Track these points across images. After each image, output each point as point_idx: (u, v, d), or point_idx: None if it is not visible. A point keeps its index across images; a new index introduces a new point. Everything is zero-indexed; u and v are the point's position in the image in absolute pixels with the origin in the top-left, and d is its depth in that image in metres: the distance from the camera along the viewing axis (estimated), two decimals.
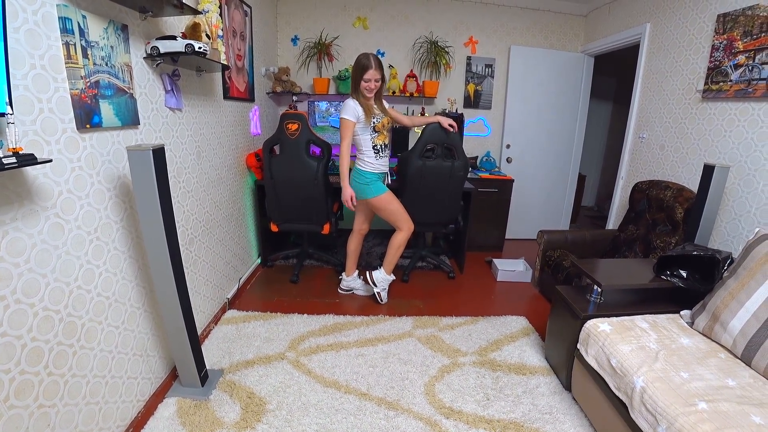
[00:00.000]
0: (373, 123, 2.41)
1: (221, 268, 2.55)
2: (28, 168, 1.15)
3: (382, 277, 2.74)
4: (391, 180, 3.09)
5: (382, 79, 2.38)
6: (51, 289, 1.23)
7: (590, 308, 1.85)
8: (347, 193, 2.44)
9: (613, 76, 5.11)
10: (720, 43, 2.26)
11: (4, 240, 1.08)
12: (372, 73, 2.30)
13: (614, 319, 1.75)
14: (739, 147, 2.18)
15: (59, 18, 1.23)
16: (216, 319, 2.44)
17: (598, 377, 1.64)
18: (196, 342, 1.78)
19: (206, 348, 2.16)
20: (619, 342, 1.60)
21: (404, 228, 2.63)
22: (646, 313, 1.80)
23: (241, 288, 2.85)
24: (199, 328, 2.21)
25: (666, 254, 1.91)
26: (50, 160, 1.14)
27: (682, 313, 1.80)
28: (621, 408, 1.49)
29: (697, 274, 1.84)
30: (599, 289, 1.88)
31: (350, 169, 2.53)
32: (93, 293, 1.42)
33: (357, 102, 2.36)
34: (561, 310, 1.99)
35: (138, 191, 1.46)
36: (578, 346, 1.81)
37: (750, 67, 2.06)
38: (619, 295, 2.00)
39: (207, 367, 1.90)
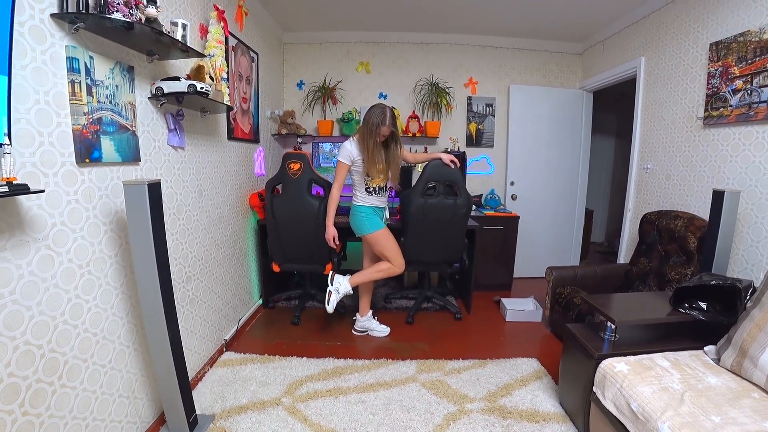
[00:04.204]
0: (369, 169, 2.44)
1: (220, 308, 2.49)
2: (22, 198, 1.16)
3: (343, 282, 2.56)
4: (394, 219, 3.08)
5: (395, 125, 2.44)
6: (35, 323, 1.20)
7: (605, 347, 1.74)
8: (330, 232, 2.52)
9: (613, 111, 5.19)
10: (716, 70, 2.28)
11: None
12: (385, 129, 2.37)
13: (631, 357, 1.63)
14: (747, 171, 2.13)
15: (67, 58, 1.29)
16: (212, 361, 2.34)
17: (618, 423, 1.49)
18: (186, 385, 1.69)
19: (199, 391, 2.05)
20: (638, 383, 1.47)
21: (395, 264, 2.58)
22: (665, 350, 1.67)
23: (240, 329, 2.77)
24: (194, 370, 2.13)
25: (682, 285, 1.80)
26: (42, 191, 1.15)
27: (706, 349, 1.67)
28: None
29: (718, 306, 1.72)
30: (613, 326, 1.77)
31: (349, 207, 2.60)
32: (80, 329, 1.38)
33: (356, 144, 2.42)
34: (573, 350, 1.87)
35: (132, 224, 1.46)
36: (594, 388, 1.67)
37: (749, 91, 2.05)
38: (634, 331, 1.88)
39: (197, 412, 1.80)
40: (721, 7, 2.28)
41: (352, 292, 2.59)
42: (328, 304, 2.50)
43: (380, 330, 2.79)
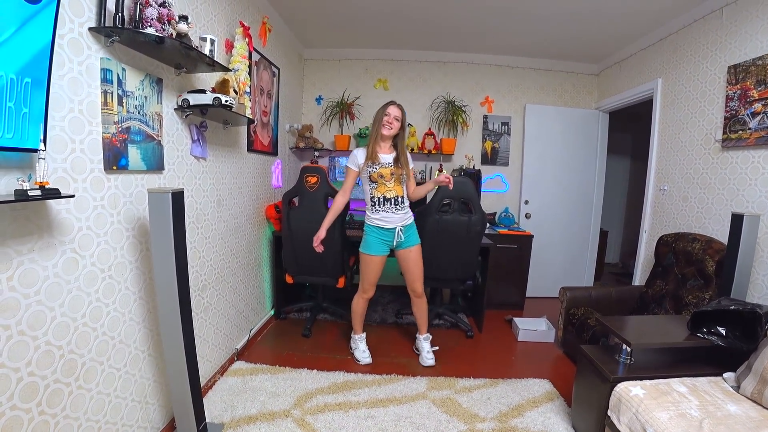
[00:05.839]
0: (369, 172, 2.32)
1: (233, 318, 2.51)
2: (52, 203, 1.20)
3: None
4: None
5: (402, 126, 2.34)
6: (56, 324, 1.23)
7: (620, 370, 1.70)
8: (318, 235, 2.38)
9: (628, 131, 5.17)
10: (734, 93, 2.27)
11: (18, 270, 1.10)
12: (393, 109, 2.30)
13: (647, 382, 1.60)
14: (767, 195, 2.09)
15: (101, 69, 1.36)
16: (222, 370, 2.35)
17: None
18: (197, 392, 1.69)
19: (209, 399, 2.06)
20: (655, 408, 1.44)
21: (360, 290, 2.55)
22: (683, 375, 1.63)
23: (251, 339, 2.78)
24: (204, 378, 2.14)
25: (700, 310, 1.76)
26: (73, 196, 1.19)
27: (725, 375, 1.63)
28: None
29: (737, 332, 1.67)
30: (629, 349, 1.74)
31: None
32: (98, 332, 1.41)
33: (364, 150, 2.35)
34: (587, 372, 1.83)
35: (154, 231, 1.49)
36: (609, 412, 1.63)
37: None
38: (650, 355, 1.84)
39: (207, 421, 1.79)
40: (740, 31, 2.28)
41: (363, 333, 2.65)
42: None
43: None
